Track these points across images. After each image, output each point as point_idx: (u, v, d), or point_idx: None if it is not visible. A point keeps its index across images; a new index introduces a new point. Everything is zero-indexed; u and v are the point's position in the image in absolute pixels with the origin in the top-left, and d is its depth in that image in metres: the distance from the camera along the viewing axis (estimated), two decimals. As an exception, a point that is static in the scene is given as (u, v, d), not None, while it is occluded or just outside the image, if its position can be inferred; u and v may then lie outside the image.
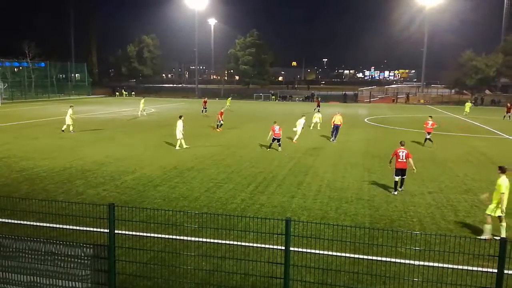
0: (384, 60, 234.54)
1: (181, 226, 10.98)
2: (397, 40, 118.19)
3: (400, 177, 14.95)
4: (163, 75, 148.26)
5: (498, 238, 10.62)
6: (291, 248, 7.07)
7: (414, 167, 15.14)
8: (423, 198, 14.40)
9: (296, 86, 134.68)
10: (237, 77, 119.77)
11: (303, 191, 15.14)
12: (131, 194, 14.43)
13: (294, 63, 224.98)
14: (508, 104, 45.72)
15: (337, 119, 27.06)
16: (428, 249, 9.85)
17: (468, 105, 49.96)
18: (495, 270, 6.36)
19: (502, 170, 10.94)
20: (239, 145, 24.80)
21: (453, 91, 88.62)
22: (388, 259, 9.27)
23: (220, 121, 31.05)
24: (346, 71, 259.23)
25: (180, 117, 23.46)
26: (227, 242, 10.15)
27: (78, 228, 10.71)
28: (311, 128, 32.59)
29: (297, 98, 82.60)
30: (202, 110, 44.12)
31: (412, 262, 9.19)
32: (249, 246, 9.98)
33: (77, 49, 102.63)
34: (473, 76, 78.87)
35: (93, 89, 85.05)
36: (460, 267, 8.96)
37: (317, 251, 9.54)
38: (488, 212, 10.97)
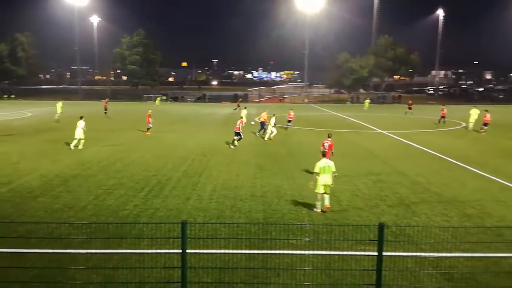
0: (271, 61, 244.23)
1: (67, 238, 10.23)
2: (282, 43, 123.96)
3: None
4: (41, 76, 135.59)
5: (316, 210, 12.94)
6: (188, 251, 7.02)
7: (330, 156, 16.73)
8: (310, 191, 15.28)
9: (184, 86, 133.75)
10: (124, 78, 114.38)
11: (198, 192, 15.10)
12: (6, 208, 13.00)
13: (184, 64, 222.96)
14: (410, 101, 51.08)
15: (263, 116, 30.26)
16: (316, 239, 10.53)
17: (367, 102, 56.43)
18: (375, 253, 7.03)
19: (322, 154, 13.42)
20: (129, 149, 23.81)
21: (332, 90, 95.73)
22: (281, 252, 9.71)
23: (149, 123, 30.49)
24: (236, 72, 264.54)
25: (81, 117, 23.97)
26: (120, 251, 9.70)
27: None
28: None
29: (189, 99, 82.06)
30: (105, 112, 42.46)
31: (303, 252, 9.74)
32: (143, 253, 9.66)
33: None
34: (349, 77, 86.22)
35: (-44, 92, 75.14)
36: (345, 252, 9.74)
37: (214, 251, 9.62)
38: (316, 190, 12.82)
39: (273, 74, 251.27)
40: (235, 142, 24.98)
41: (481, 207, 13.61)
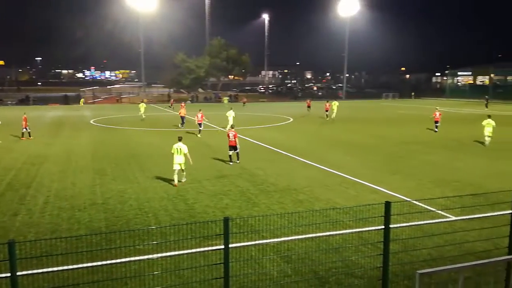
0: (104, 60, 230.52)
1: None
2: (117, 41, 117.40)
3: (233, 151, 20.10)
4: None
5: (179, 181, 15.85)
6: (19, 273, 6.20)
7: (238, 145, 20.13)
8: (156, 193, 15.04)
9: (1, 88, 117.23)
10: None
11: (27, 206, 13.45)
12: None
13: (1, 62, 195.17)
14: (308, 100, 52.39)
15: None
16: (164, 241, 10.40)
17: (225, 99, 65.13)
18: (222, 247, 7.27)
19: (179, 138, 16.13)
20: None
21: (172, 90, 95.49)
22: (127, 259, 9.33)
23: (26, 128, 27.55)
24: (65, 71, 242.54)
25: None
26: None
27: None
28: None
29: (9, 102, 72.39)
30: None
31: (150, 256, 9.53)
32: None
33: None
34: (187, 76, 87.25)
35: None
36: (193, 250, 9.85)
37: (50, 269, 8.71)
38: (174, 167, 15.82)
39: (108, 73, 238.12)
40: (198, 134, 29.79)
41: (310, 192, 15.25)
